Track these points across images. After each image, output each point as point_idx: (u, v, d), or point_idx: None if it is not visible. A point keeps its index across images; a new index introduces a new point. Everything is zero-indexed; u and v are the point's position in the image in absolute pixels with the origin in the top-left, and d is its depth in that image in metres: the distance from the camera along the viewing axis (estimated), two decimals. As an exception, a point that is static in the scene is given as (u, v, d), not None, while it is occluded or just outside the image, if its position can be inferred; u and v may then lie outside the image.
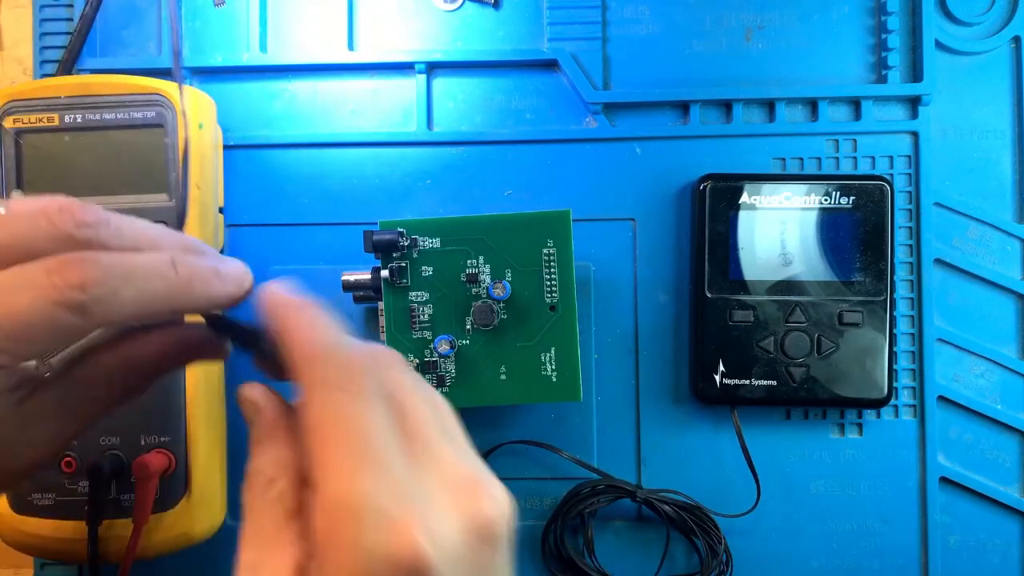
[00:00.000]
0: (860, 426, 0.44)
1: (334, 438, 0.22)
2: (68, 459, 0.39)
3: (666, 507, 0.42)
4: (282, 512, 0.24)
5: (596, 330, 0.44)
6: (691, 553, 0.44)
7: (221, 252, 0.44)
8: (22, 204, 0.24)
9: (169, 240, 0.27)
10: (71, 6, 0.45)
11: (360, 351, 0.25)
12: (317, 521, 0.22)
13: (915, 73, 0.44)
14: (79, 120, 0.40)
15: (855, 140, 0.44)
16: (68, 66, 0.44)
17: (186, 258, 0.26)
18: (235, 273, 0.27)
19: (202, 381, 0.40)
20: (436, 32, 0.45)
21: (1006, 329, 0.44)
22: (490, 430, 0.44)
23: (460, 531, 0.23)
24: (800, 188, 0.42)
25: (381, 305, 0.39)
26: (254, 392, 0.27)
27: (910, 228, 0.44)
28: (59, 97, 0.40)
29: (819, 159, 0.44)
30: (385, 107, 0.45)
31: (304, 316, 0.25)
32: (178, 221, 0.38)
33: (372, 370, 0.24)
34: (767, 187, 0.42)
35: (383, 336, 0.39)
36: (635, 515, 0.44)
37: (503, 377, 0.39)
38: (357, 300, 0.41)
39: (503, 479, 0.45)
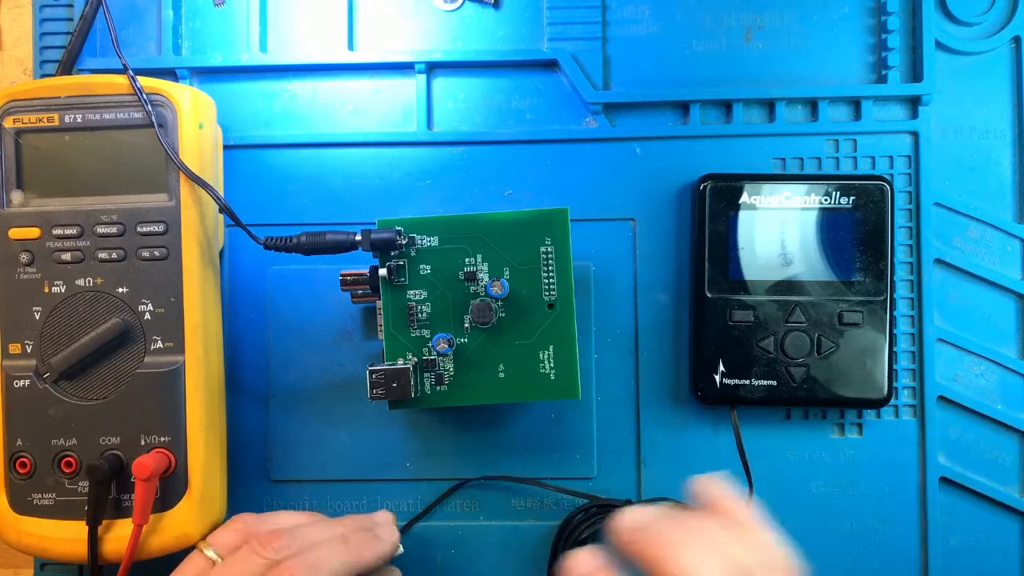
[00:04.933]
0: (860, 426, 0.44)
1: None
2: (68, 459, 0.39)
3: None
4: None
5: (596, 330, 0.44)
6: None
7: (221, 253, 0.44)
8: (224, 541, 0.36)
9: (330, 530, 0.37)
10: (71, 6, 0.45)
11: None
12: None
13: (915, 73, 0.44)
14: (79, 120, 0.40)
15: (855, 140, 0.44)
16: (68, 66, 0.44)
17: (352, 536, 0.36)
18: (388, 534, 0.38)
19: (202, 381, 0.40)
20: (436, 32, 0.45)
21: (1006, 329, 0.44)
22: (489, 430, 0.44)
23: None
24: (800, 188, 0.42)
25: (379, 303, 0.39)
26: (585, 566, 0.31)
27: (910, 228, 0.44)
28: (59, 97, 0.40)
29: (819, 159, 0.44)
30: (385, 107, 0.45)
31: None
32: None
33: None
34: (767, 187, 0.42)
35: (381, 334, 0.39)
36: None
37: (501, 375, 0.39)
38: (355, 300, 0.41)
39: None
